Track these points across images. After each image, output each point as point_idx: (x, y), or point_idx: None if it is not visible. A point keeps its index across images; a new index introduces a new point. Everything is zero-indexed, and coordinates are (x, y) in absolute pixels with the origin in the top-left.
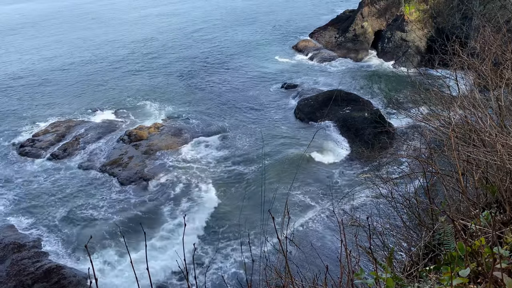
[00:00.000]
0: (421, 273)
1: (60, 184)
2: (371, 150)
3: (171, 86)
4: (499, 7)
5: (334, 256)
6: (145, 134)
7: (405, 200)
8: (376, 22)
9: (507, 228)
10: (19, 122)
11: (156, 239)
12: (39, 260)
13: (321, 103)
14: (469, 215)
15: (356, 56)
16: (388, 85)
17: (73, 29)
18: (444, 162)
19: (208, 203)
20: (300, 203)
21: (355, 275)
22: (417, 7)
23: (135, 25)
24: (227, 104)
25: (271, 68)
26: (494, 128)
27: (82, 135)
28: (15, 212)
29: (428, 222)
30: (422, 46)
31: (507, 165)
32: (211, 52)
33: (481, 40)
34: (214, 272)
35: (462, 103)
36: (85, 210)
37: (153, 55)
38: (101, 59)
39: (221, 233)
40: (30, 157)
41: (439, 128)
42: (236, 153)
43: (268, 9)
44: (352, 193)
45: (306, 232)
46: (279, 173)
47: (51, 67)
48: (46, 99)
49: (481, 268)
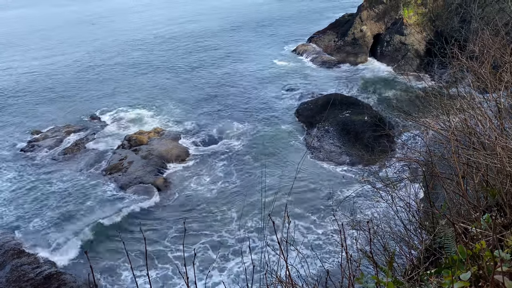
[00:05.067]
0: (422, 276)
1: (60, 189)
2: (371, 153)
3: (170, 91)
4: (498, 10)
5: (335, 260)
6: (145, 139)
7: (405, 204)
8: (375, 26)
9: (507, 231)
10: (18, 127)
11: (156, 244)
12: (39, 266)
13: (321, 106)
14: (470, 218)
15: (355, 59)
16: (387, 88)
17: (73, 34)
18: (444, 165)
19: (207, 207)
20: (300, 207)
21: (356, 280)
22: (415, 11)
23: (133, 31)
24: (227, 108)
25: (270, 72)
26: (494, 131)
27: (82, 140)
28: (15, 217)
29: (429, 226)
30: (421, 49)
31: (507, 168)
32: (210, 57)
33: (480, 43)
34: (214, 277)
35: (462, 106)
36: (85, 216)
37: (151, 60)
38: (100, 65)
39: (221, 238)
40: (30, 162)
41: (439, 131)
42: (236, 156)
43: (267, 13)
44: (352, 197)
45: (306, 236)
46: (279, 177)
47: (49, 73)
48: (45, 104)
49: (482, 272)
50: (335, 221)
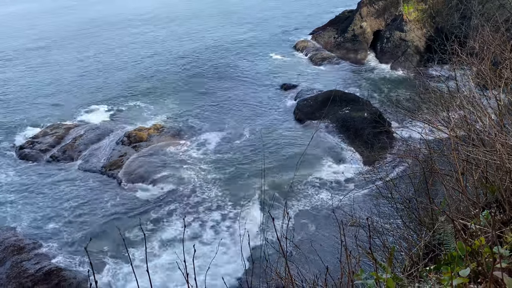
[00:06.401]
0: (421, 273)
1: (60, 186)
2: (370, 150)
3: (169, 87)
4: (498, 7)
5: (334, 256)
6: (144, 135)
7: (405, 200)
8: (375, 22)
9: (507, 227)
10: (17, 124)
11: (156, 241)
12: (39, 262)
13: (320, 103)
14: (469, 214)
15: (355, 56)
16: (387, 85)
17: (73, 31)
18: (444, 161)
19: (207, 204)
20: (300, 203)
21: (355, 276)
22: (416, 7)
23: (132, 27)
24: (226, 104)
25: (270, 69)
26: (494, 127)
27: (82, 137)
28: (15, 214)
29: (428, 222)
30: (421, 45)
31: (507, 165)
32: (209, 53)
33: (480, 39)
34: (214, 273)
35: (462, 102)
36: (85, 212)
37: (149, 55)
38: (99, 61)
39: (221, 234)
40: (29, 159)
41: (438, 128)
42: (236, 153)
43: (266, 9)
44: (351, 194)
45: (306, 232)
46: (278, 173)
47: (47, 68)
48: (44, 101)
49: (481, 268)
50: (334, 218)
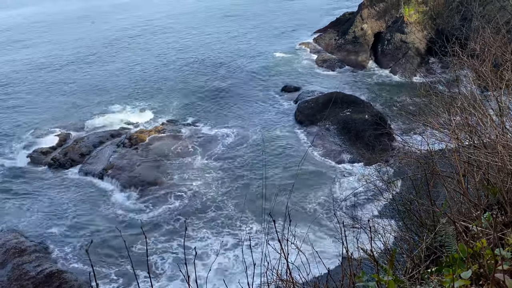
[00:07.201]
0: (423, 275)
1: (61, 188)
2: (371, 152)
3: (170, 89)
4: (499, 8)
5: (336, 258)
6: (145, 138)
7: (406, 202)
8: (375, 24)
9: (508, 229)
10: (19, 127)
11: (157, 243)
12: (40, 265)
13: (321, 105)
14: (471, 216)
15: (356, 58)
16: (388, 87)
17: (72, 33)
18: (445, 163)
19: (208, 206)
20: (301, 205)
21: (356, 278)
22: (416, 9)
23: (132, 28)
24: (227, 107)
25: (270, 71)
26: (495, 129)
27: (83, 139)
28: (16, 216)
29: (430, 224)
30: (422, 47)
31: (508, 166)
32: (210, 54)
33: (481, 41)
34: (214, 275)
35: (463, 104)
36: (86, 214)
37: (150, 57)
38: (100, 63)
39: (222, 236)
40: (31, 162)
41: (440, 130)
42: (237, 155)
43: (266, 11)
44: (353, 196)
45: (307, 234)
46: (280, 175)
47: (47, 72)
48: (45, 104)
49: (483, 270)
50: (336, 220)
